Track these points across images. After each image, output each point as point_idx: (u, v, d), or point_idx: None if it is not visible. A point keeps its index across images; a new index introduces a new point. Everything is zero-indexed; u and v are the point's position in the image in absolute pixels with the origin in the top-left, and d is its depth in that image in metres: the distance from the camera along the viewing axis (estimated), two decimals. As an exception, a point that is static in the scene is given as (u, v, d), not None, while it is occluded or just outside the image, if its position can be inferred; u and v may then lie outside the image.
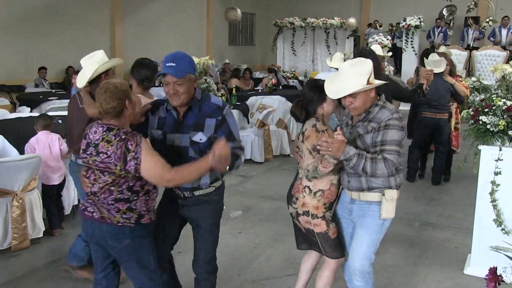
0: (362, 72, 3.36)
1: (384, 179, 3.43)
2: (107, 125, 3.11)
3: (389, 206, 3.48)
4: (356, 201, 3.58)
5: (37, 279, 4.76)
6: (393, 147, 3.31)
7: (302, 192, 3.66)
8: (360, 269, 3.61)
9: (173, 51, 3.30)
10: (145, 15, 17.32)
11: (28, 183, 5.29)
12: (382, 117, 3.37)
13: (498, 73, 5.13)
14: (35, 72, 13.44)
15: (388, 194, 3.47)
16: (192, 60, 3.42)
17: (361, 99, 3.39)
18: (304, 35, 17.30)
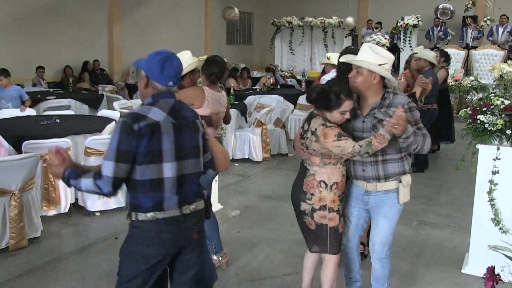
0: (379, 55, 3.54)
1: (400, 163, 3.60)
2: None
3: (406, 191, 3.69)
4: (372, 192, 3.67)
5: (35, 278, 4.76)
6: (422, 125, 3.59)
7: (317, 187, 3.65)
8: (380, 253, 3.81)
9: (171, 50, 3.22)
10: (143, 15, 17.30)
11: (26, 182, 5.28)
12: (402, 101, 3.53)
13: (496, 72, 5.12)
14: (33, 72, 13.42)
15: (405, 179, 3.65)
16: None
17: (363, 77, 3.52)
18: (302, 35, 17.30)
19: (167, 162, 2.83)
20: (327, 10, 19.35)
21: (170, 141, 2.85)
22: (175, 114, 2.91)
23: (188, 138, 2.94)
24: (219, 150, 3.10)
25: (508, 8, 16.84)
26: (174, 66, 2.97)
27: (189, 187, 2.95)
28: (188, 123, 2.97)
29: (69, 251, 5.36)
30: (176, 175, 2.86)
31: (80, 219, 6.27)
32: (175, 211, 2.88)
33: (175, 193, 2.87)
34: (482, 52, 15.11)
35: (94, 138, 6.20)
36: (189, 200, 2.94)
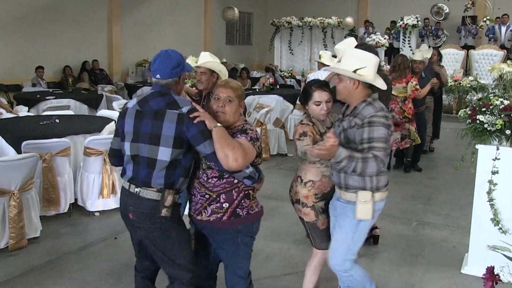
0: (358, 59, 3.42)
1: (360, 179, 3.43)
2: None
3: (363, 208, 3.45)
4: (340, 198, 3.63)
5: (34, 278, 4.75)
6: (380, 144, 3.29)
7: (295, 181, 3.85)
8: (334, 266, 3.65)
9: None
10: (143, 15, 17.30)
11: (25, 182, 5.28)
12: (365, 113, 3.35)
13: (495, 72, 5.13)
14: (32, 72, 13.42)
15: (361, 195, 3.44)
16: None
17: (342, 83, 3.47)
18: (302, 35, 17.32)
19: (127, 141, 3.26)
20: (327, 10, 19.36)
21: (130, 124, 3.24)
22: (143, 103, 3.25)
23: (144, 124, 3.18)
24: (217, 149, 3.05)
25: (508, 8, 16.86)
26: (161, 61, 3.26)
27: (141, 169, 3.19)
28: (150, 111, 3.18)
29: (68, 251, 5.35)
30: (130, 154, 3.24)
31: (80, 219, 6.27)
32: (126, 184, 3.27)
33: (131, 169, 3.24)
34: (482, 52, 15.12)
35: (93, 138, 6.19)
36: (135, 181, 3.21)
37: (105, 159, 6.17)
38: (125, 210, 3.28)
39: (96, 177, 6.25)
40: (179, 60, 3.29)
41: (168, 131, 3.10)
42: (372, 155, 3.25)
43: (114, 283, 4.66)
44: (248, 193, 3.28)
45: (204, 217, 3.25)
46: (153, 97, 3.22)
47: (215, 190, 3.22)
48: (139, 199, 3.17)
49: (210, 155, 3.08)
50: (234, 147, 3.02)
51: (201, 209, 3.27)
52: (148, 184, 3.16)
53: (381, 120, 3.33)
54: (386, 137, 3.32)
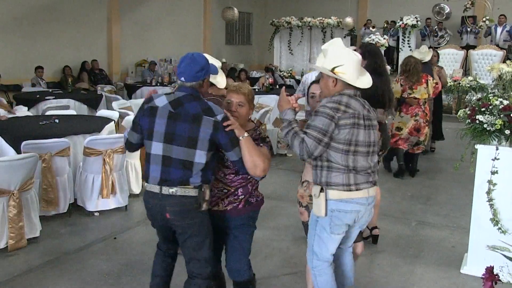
0: (335, 57, 3.45)
1: (315, 172, 3.48)
2: None
3: (315, 203, 3.50)
4: None
5: (34, 278, 4.75)
6: (314, 132, 3.30)
7: (300, 184, 3.97)
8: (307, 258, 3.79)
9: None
10: (142, 15, 17.29)
11: (25, 182, 5.28)
12: (323, 101, 3.45)
13: (495, 72, 5.13)
14: (32, 72, 13.41)
15: (313, 189, 3.51)
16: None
17: (323, 81, 3.55)
18: (301, 35, 17.32)
19: (155, 141, 3.34)
20: (326, 10, 19.36)
21: (161, 125, 3.32)
22: (176, 105, 3.33)
23: (181, 127, 3.29)
24: (246, 158, 3.33)
25: (507, 8, 16.87)
26: (186, 64, 3.41)
27: (174, 170, 3.30)
28: (187, 115, 3.30)
29: (68, 251, 5.35)
30: (162, 155, 3.32)
31: (79, 219, 6.27)
32: (155, 187, 3.36)
33: (159, 171, 3.33)
34: (481, 52, 15.12)
35: (93, 138, 6.19)
36: (168, 183, 3.31)
37: (105, 159, 6.17)
38: (159, 212, 3.40)
39: (96, 177, 6.25)
40: (204, 64, 3.42)
41: (205, 136, 3.29)
42: (301, 138, 3.31)
43: (113, 283, 4.66)
44: (257, 185, 3.67)
45: (221, 207, 3.54)
46: (187, 101, 3.35)
47: (233, 185, 3.54)
48: (177, 198, 3.32)
49: (238, 161, 3.37)
50: (263, 160, 3.35)
51: (218, 201, 3.55)
52: (185, 183, 3.31)
53: (326, 110, 3.33)
54: (323, 128, 3.30)
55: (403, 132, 7.88)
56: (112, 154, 6.24)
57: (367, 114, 3.46)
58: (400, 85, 7.77)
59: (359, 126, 3.38)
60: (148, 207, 3.47)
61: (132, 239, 5.70)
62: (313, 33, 17.16)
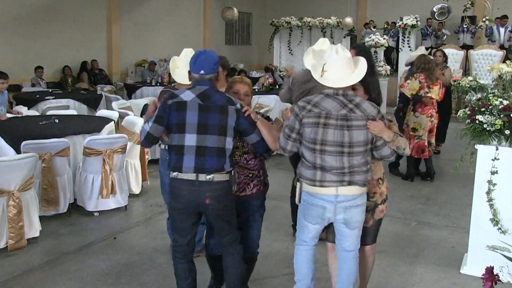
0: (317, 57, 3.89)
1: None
2: None
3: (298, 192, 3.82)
4: None
5: (33, 278, 4.76)
6: (285, 129, 3.66)
7: (377, 185, 3.89)
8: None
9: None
10: (142, 15, 17.29)
11: (25, 182, 5.28)
12: None
13: (495, 72, 5.13)
14: (31, 72, 13.40)
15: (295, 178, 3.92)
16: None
17: None
18: (301, 35, 17.30)
19: (189, 133, 3.60)
20: (326, 10, 19.36)
21: (194, 117, 3.61)
22: (204, 98, 3.65)
23: (212, 117, 3.63)
24: (266, 136, 3.79)
25: (507, 8, 16.87)
26: (203, 58, 3.71)
27: (208, 159, 3.62)
28: (215, 106, 3.65)
29: (67, 251, 5.35)
30: (195, 145, 3.60)
31: (79, 219, 6.27)
32: (191, 175, 3.61)
33: (192, 160, 3.60)
34: (481, 52, 15.11)
35: (92, 138, 6.20)
36: (205, 170, 3.61)
37: (104, 159, 6.17)
38: (195, 198, 3.66)
39: (96, 177, 6.25)
40: (217, 59, 3.80)
41: (232, 123, 3.68)
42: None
43: (113, 283, 4.66)
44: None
45: (247, 191, 3.98)
46: (212, 93, 3.70)
47: (256, 168, 4.01)
48: (215, 184, 3.63)
49: (259, 141, 3.81)
50: (277, 133, 3.79)
51: (244, 186, 3.97)
52: (221, 170, 3.64)
53: (295, 108, 3.65)
54: (290, 124, 3.63)
55: (419, 134, 7.66)
56: (112, 154, 6.24)
57: (344, 114, 3.50)
58: (419, 82, 7.57)
59: (326, 126, 3.49)
60: (182, 194, 3.66)
61: (132, 239, 5.70)
62: (313, 33, 17.13)
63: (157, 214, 5.99)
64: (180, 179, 3.64)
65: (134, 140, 6.89)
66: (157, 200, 6.72)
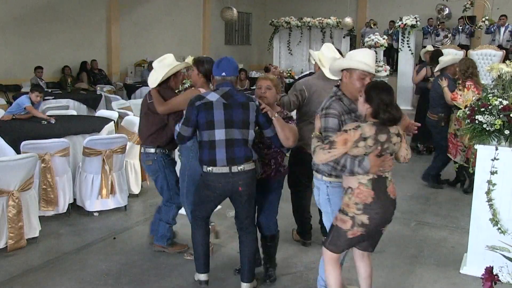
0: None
1: None
2: None
3: None
4: None
5: (33, 278, 4.75)
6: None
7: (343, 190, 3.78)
8: None
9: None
10: (142, 15, 17.28)
11: (25, 182, 5.28)
12: None
13: (494, 72, 5.13)
14: (31, 72, 13.38)
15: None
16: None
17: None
18: (300, 35, 17.29)
19: (218, 129, 4.04)
20: (326, 10, 19.36)
21: (220, 114, 4.04)
22: (227, 97, 4.10)
23: (236, 113, 4.08)
24: (279, 133, 4.17)
25: (507, 8, 16.86)
26: (224, 63, 4.24)
27: (237, 150, 4.08)
28: (238, 103, 4.10)
29: (67, 251, 5.35)
30: (225, 139, 4.05)
31: (79, 219, 6.27)
32: (224, 168, 4.08)
33: (225, 153, 4.06)
34: (481, 52, 15.08)
35: (92, 138, 6.19)
36: (236, 161, 4.08)
37: (104, 159, 6.17)
38: (232, 188, 4.16)
39: (95, 177, 6.25)
40: (235, 63, 4.31)
41: (252, 118, 4.13)
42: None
43: (113, 283, 4.66)
44: (284, 158, 4.58)
45: (257, 175, 4.32)
46: (234, 93, 4.15)
47: (267, 157, 4.44)
48: (245, 173, 4.13)
49: (274, 136, 4.22)
50: (293, 132, 4.22)
51: None
52: (249, 159, 4.14)
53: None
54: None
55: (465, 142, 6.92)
56: (112, 154, 6.23)
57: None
58: (471, 92, 6.89)
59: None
60: (218, 186, 4.15)
61: (131, 239, 5.70)
62: (313, 33, 17.13)
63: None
64: (215, 173, 4.09)
65: (133, 140, 6.89)
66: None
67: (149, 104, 4.99)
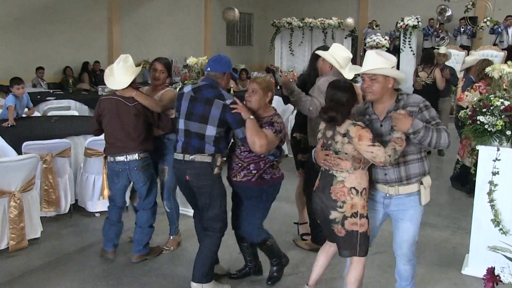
0: (386, 59, 3.62)
1: (420, 164, 3.66)
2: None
3: (427, 192, 3.77)
4: (393, 196, 3.69)
5: (34, 279, 4.76)
6: (440, 120, 3.62)
7: (348, 194, 3.64)
8: (408, 255, 3.84)
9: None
10: (143, 15, 17.30)
11: (26, 183, 5.28)
12: (416, 100, 3.62)
13: (496, 73, 5.13)
14: (32, 72, 13.42)
15: (426, 181, 3.72)
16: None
17: (380, 84, 3.56)
18: (302, 35, 17.28)
19: (180, 118, 4.25)
20: (327, 11, 19.34)
21: (185, 106, 4.23)
22: (197, 91, 4.25)
23: (197, 107, 4.18)
24: (248, 136, 4.06)
25: (508, 9, 16.85)
26: (213, 59, 4.43)
27: (193, 141, 4.19)
28: (203, 98, 4.18)
29: (69, 252, 5.36)
30: (184, 129, 4.22)
31: (80, 220, 6.27)
32: (179, 155, 4.25)
33: (182, 142, 4.24)
34: (482, 53, 15.04)
35: (94, 139, 6.18)
36: (189, 150, 4.20)
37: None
38: (181, 175, 4.30)
39: (97, 178, 6.24)
40: (226, 62, 4.41)
41: (215, 114, 4.13)
42: (444, 129, 3.55)
43: (114, 284, 4.66)
44: (272, 164, 4.30)
45: (238, 178, 4.27)
46: (205, 88, 4.23)
47: (246, 160, 4.24)
48: (194, 163, 4.18)
49: (243, 138, 4.13)
50: (260, 137, 4.01)
51: (236, 173, 4.28)
52: (201, 151, 4.17)
53: (429, 104, 3.65)
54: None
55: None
56: (113, 155, 6.23)
57: None
58: (480, 93, 6.84)
59: None
60: (174, 171, 4.41)
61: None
62: (314, 33, 17.11)
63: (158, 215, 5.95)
64: (174, 158, 4.32)
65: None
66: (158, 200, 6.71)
67: (133, 107, 4.82)
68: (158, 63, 5.31)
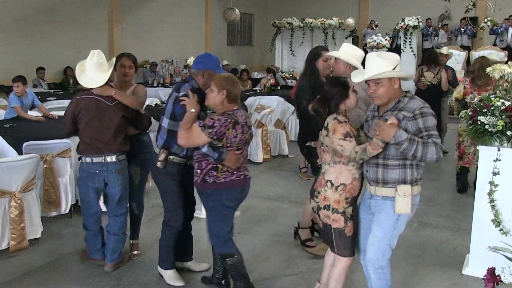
0: (388, 59, 3.53)
1: (402, 171, 3.51)
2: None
3: (402, 202, 3.53)
4: (374, 196, 3.64)
5: (35, 279, 4.76)
6: (435, 132, 3.42)
7: (324, 186, 3.69)
8: (372, 261, 3.69)
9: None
10: (144, 16, 17.31)
11: (27, 183, 5.28)
12: (414, 106, 3.46)
13: (497, 73, 5.13)
14: (33, 72, 13.42)
15: (401, 189, 3.51)
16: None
17: (385, 87, 3.50)
18: (303, 36, 17.31)
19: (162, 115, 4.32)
20: (328, 11, 19.36)
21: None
22: (175, 87, 4.31)
23: (167, 102, 4.30)
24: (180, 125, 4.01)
25: (509, 9, 16.86)
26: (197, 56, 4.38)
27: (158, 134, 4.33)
28: (173, 95, 4.22)
29: (69, 252, 5.35)
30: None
31: (81, 220, 6.26)
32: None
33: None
34: (483, 53, 15.06)
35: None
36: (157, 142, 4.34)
37: (106, 160, 6.16)
38: None
39: (97, 178, 6.23)
40: (206, 59, 4.24)
41: (170, 107, 4.19)
42: (432, 141, 3.36)
43: (115, 284, 4.66)
44: (216, 166, 3.94)
45: (195, 178, 4.08)
46: (180, 84, 4.30)
47: (194, 159, 4.07)
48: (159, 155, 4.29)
49: None
50: (183, 130, 3.88)
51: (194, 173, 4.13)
52: (159, 143, 4.28)
53: (430, 111, 3.46)
54: (435, 127, 3.46)
55: (464, 139, 7.09)
56: (114, 155, 6.22)
57: None
58: (464, 87, 7.20)
59: None
60: None
61: (133, 240, 5.69)
62: (315, 34, 17.15)
63: (158, 215, 5.97)
64: None
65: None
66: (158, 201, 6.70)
67: (113, 107, 4.64)
68: (126, 59, 4.98)
